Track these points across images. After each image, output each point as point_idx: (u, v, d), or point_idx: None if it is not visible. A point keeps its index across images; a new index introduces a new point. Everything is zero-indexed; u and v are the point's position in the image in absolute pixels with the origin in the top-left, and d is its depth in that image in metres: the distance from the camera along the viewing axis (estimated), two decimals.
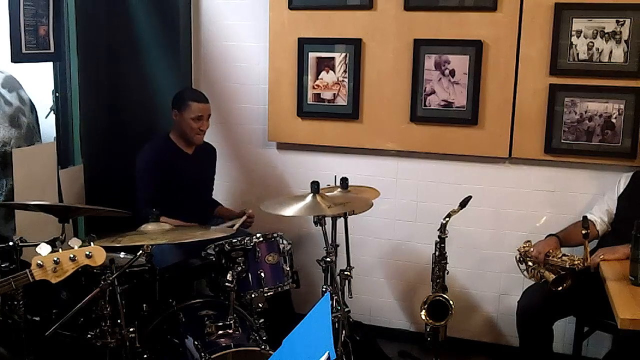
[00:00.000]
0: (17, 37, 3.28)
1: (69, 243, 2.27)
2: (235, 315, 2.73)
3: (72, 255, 2.23)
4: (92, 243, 2.32)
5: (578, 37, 3.34)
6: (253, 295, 2.90)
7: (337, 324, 3.07)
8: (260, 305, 2.96)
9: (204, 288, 3.24)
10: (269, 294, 2.92)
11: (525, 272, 3.17)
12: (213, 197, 3.86)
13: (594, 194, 3.44)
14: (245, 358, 2.62)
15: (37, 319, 2.76)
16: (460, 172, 3.67)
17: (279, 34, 3.81)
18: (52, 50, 3.53)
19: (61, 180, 3.64)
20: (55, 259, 2.20)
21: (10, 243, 2.65)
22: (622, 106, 3.34)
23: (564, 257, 2.98)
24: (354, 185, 3.36)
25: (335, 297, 3.09)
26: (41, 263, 2.19)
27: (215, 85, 4.04)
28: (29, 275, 2.18)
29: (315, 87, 3.79)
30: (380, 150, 3.78)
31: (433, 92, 3.60)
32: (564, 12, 3.34)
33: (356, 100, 3.73)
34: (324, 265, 3.08)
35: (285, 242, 3.04)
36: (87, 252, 2.25)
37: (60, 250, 2.25)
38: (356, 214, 3.17)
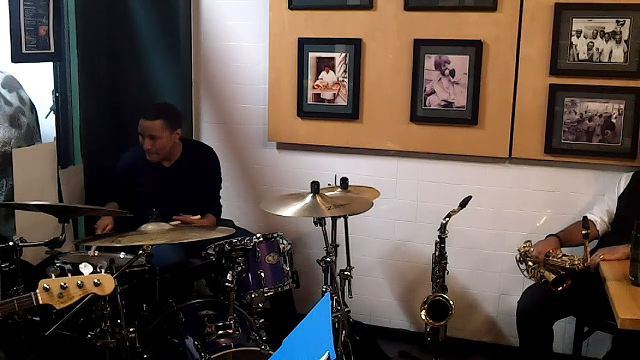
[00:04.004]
0: (17, 37, 3.28)
1: (80, 268, 2.19)
2: (235, 315, 2.73)
3: (79, 282, 2.13)
4: (102, 270, 2.23)
5: (578, 37, 3.34)
6: (253, 295, 2.90)
7: (337, 324, 3.07)
8: (261, 305, 2.96)
9: (204, 288, 3.24)
10: (269, 294, 2.92)
11: (525, 272, 3.17)
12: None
13: (594, 194, 3.44)
14: (245, 358, 2.62)
15: (37, 319, 2.75)
16: (460, 172, 3.67)
17: (279, 34, 3.81)
18: (52, 50, 3.53)
19: (61, 180, 3.64)
20: (62, 283, 2.11)
21: (10, 243, 2.65)
22: (622, 106, 3.34)
23: (564, 257, 2.98)
24: (354, 185, 3.36)
25: (335, 297, 3.09)
26: (48, 287, 2.09)
27: (215, 85, 4.04)
28: (34, 299, 2.10)
29: (315, 87, 3.79)
30: (380, 150, 3.77)
31: (433, 92, 3.60)
32: (564, 12, 3.34)
33: (356, 100, 3.72)
34: (324, 265, 3.08)
35: (285, 242, 3.04)
36: (96, 280, 2.16)
37: (69, 275, 2.16)
38: (356, 214, 3.17)
